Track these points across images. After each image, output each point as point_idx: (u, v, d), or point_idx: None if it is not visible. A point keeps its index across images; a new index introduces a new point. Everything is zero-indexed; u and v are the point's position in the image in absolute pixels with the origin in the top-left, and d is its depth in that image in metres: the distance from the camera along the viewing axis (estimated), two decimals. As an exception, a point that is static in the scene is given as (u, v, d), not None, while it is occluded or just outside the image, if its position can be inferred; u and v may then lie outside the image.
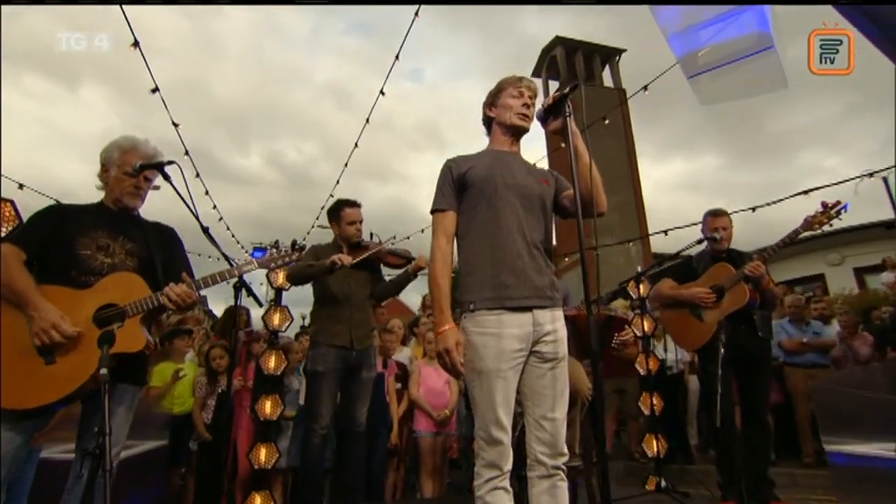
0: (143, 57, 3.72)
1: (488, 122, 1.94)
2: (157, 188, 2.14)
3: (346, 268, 2.78)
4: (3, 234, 2.67)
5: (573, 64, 22.71)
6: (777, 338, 4.48)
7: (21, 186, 4.77)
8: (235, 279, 2.25)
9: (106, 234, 1.99)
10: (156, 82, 3.99)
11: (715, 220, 3.10)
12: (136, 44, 3.58)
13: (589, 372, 3.31)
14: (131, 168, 2.04)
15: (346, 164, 6.64)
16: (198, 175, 5.54)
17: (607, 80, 23.46)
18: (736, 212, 4.81)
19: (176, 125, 4.44)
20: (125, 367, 1.87)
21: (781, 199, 5.53)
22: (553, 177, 1.90)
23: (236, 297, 2.30)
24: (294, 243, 2.21)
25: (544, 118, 1.76)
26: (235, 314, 4.10)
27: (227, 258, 2.29)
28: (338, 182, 6.82)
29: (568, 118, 1.62)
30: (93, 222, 1.99)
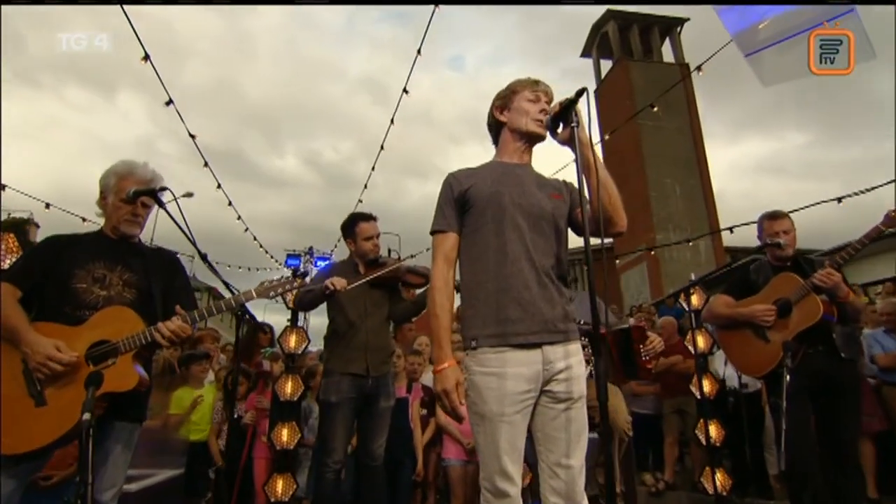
0: (156, 70, 3.88)
1: (497, 127, 1.86)
2: (189, 195, 2.18)
3: (340, 292, 2.76)
4: (5, 266, 2.83)
5: (627, 39, 21.94)
6: (870, 352, 4.07)
7: (48, 206, 5.12)
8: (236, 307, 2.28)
9: (103, 264, 2.06)
10: (170, 95, 4.18)
11: (773, 223, 2.84)
12: (146, 57, 3.74)
13: (628, 402, 3.09)
14: (126, 194, 2.10)
15: (372, 168, 6.72)
16: (219, 186, 5.74)
17: (668, 55, 22.48)
18: (814, 204, 4.41)
19: (193, 136, 4.61)
20: (122, 404, 1.92)
21: (874, 188, 5.07)
22: (567, 190, 1.80)
23: (237, 326, 2.33)
24: (295, 270, 2.20)
25: (552, 127, 1.67)
26: (252, 336, 4.21)
27: (227, 286, 2.33)
28: (365, 186, 6.88)
29: (575, 127, 1.51)
30: (90, 253, 2.06)
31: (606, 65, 22.82)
